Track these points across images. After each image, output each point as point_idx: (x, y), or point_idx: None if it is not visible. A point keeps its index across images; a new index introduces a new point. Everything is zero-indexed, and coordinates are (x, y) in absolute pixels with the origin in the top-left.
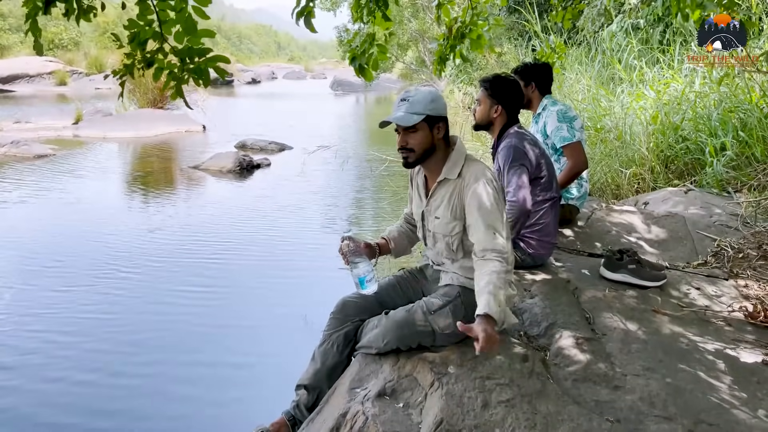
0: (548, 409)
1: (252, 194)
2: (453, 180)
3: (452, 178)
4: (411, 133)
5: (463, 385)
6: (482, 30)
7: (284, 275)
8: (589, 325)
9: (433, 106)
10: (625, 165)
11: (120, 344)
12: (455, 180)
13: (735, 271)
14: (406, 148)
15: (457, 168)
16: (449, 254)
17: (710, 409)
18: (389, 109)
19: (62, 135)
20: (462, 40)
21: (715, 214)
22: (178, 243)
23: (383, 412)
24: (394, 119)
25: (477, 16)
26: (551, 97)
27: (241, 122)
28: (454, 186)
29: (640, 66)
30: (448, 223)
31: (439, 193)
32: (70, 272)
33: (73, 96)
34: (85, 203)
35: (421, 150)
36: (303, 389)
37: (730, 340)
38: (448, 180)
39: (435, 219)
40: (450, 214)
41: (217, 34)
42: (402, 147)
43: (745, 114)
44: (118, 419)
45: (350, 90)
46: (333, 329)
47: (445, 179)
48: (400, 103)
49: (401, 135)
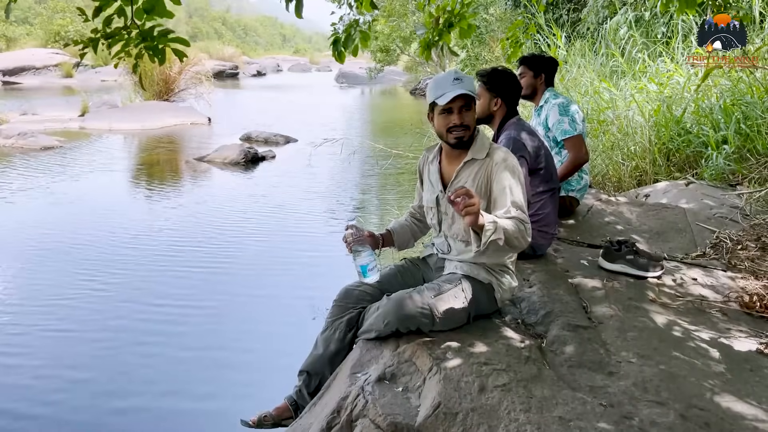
0: (543, 393)
1: (257, 186)
2: (480, 160)
3: (480, 158)
4: (468, 111)
5: (461, 370)
6: (471, 20)
7: (286, 267)
8: (586, 313)
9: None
10: (626, 157)
11: (123, 331)
12: (482, 160)
13: (733, 263)
14: (464, 125)
15: (484, 149)
16: (468, 235)
17: (702, 395)
18: (395, 101)
19: (69, 127)
20: (450, 28)
21: (715, 207)
22: (181, 234)
23: (383, 396)
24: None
25: (466, 7)
26: (553, 89)
27: (247, 114)
28: (480, 165)
29: (643, 59)
30: None
31: (465, 173)
32: (80, 259)
33: (79, 88)
34: (91, 194)
35: (473, 127)
36: (305, 374)
37: (724, 329)
38: (475, 160)
39: None
40: (475, 192)
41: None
42: (460, 125)
43: (747, 107)
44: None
45: (355, 82)
46: (335, 316)
47: (472, 159)
48: (455, 81)
49: (457, 114)
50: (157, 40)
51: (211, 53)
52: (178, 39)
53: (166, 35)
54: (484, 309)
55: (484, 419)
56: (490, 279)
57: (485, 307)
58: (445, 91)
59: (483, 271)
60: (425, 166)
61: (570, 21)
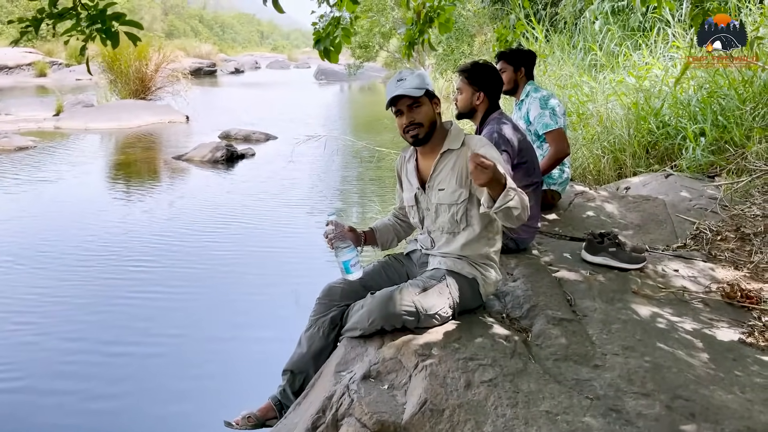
0: (530, 388)
1: (236, 184)
2: (456, 150)
3: (456, 147)
4: (416, 108)
5: (447, 366)
6: (450, 14)
7: (264, 265)
8: (570, 306)
9: (428, 82)
10: (606, 150)
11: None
12: (458, 149)
13: (713, 253)
14: (415, 124)
15: (459, 139)
16: (452, 227)
17: (687, 386)
18: (374, 98)
19: (43, 127)
20: (431, 24)
21: (695, 198)
22: (156, 233)
23: (369, 394)
24: (404, 91)
25: (445, 0)
26: (534, 83)
27: (225, 112)
28: (458, 155)
29: (622, 52)
30: (454, 191)
31: (442, 164)
32: (52, 259)
33: (54, 87)
34: (66, 195)
35: (428, 123)
36: (289, 373)
37: (707, 319)
38: (452, 150)
39: (439, 192)
40: (456, 182)
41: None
42: (410, 124)
43: (724, 99)
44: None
45: (334, 79)
46: (319, 314)
47: (448, 150)
48: (397, 83)
49: (406, 114)
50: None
51: (188, 51)
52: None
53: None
54: (469, 304)
55: (471, 415)
56: (474, 273)
57: (470, 302)
58: (390, 94)
59: (467, 265)
60: (403, 167)
61: (548, 15)
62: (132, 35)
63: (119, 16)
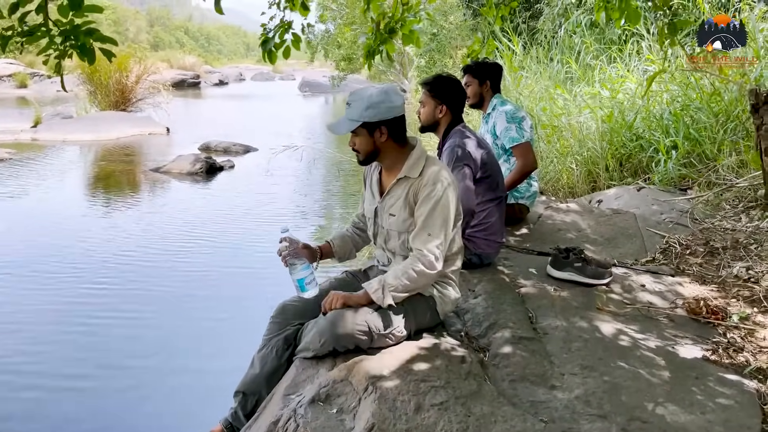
0: (482, 411)
1: (213, 197)
2: (413, 179)
3: (413, 176)
4: (354, 136)
5: (398, 389)
6: (413, 26)
7: (228, 281)
8: (532, 324)
9: (370, 113)
10: (580, 163)
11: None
12: (415, 179)
13: (681, 268)
14: (354, 149)
15: (418, 167)
16: (403, 251)
17: (645, 407)
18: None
19: (20, 138)
20: (392, 34)
21: (666, 211)
22: (132, 246)
23: (315, 419)
24: (329, 127)
25: (408, 11)
26: (501, 96)
27: (207, 124)
28: (411, 184)
29: (599, 65)
30: (404, 220)
31: (396, 190)
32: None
33: (34, 99)
34: (41, 208)
35: (364, 153)
36: (241, 395)
37: (671, 336)
38: (408, 178)
39: (390, 216)
40: (406, 212)
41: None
42: (352, 147)
43: (695, 112)
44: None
45: (319, 91)
46: (272, 333)
47: (405, 177)
48: (346, 107)
49: (351, 136)
50: (81, 39)
51: (173, 62)
52: (104, 37)
53: (91, 34)
54: (426, 323)
55: None
56: (431, 292)
57: (427, 321)
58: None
59: None
60: (369, 175)
61: (528, 29)
62: (107, 51)
63: (92, 31)
